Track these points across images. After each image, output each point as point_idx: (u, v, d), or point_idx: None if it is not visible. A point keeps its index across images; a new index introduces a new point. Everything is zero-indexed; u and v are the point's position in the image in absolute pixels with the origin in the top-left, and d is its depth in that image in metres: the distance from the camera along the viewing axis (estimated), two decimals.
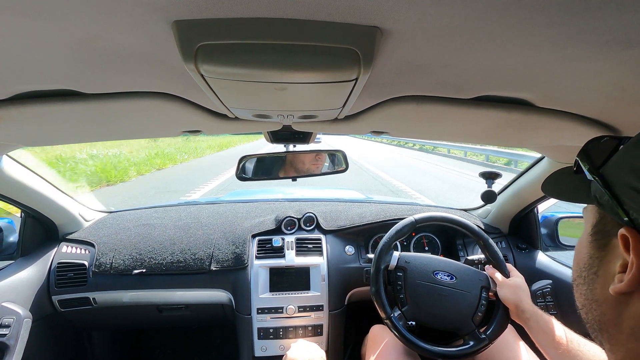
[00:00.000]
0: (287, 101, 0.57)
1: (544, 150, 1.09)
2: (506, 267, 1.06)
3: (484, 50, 0.39)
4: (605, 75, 0.43)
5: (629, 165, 0.33)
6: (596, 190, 0.36)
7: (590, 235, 0.37)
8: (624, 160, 0.34)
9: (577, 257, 0.40)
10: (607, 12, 0.29)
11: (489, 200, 1.27)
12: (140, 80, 0.54)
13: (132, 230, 1.43)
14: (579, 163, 0.40)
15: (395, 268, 1.08)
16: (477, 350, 0.97)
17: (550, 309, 1.23)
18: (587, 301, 0.37)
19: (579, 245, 0.41)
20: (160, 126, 0.85)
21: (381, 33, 0.36)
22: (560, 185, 0.48)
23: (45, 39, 0.37)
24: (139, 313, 1.44)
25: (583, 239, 0.39)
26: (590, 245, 0.37)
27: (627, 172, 0.32)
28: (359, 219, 1.49)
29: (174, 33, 0.36)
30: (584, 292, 0.37)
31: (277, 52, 0.39)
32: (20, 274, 1.23)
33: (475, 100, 0.62)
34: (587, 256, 0.37)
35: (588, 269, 0.37)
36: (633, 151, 0.34)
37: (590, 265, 0.36)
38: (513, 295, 0.95)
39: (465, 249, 1.47)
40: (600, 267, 0.35)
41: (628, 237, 0.30)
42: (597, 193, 0.36)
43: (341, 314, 1.38)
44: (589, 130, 0.65)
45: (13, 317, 1.12)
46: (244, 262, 1.34)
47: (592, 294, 0.36)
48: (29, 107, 0.59)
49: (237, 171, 1.23)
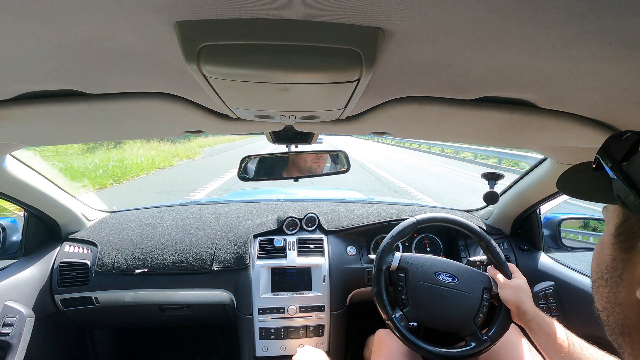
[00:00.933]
0: (289, 102, 0.57)
1: (546, 152, 1.08)
2: (508, 268, 1.06)
3: (486, 50, 0.39)
4: (609, 76, 0.43)
5: None
6: (620, 190, 0.34)
7: (613, 236, 0.36)
8: None
9: (599, 257, 0.38)
10: (611, 13, 0.29)
11: (491, 201, 1.27)
12: (142, 80, 0.54)
13: (134, 230, 1.44)
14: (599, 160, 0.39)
15: (396, 269, 1.08)
16: (478, 351, 0.96)
17: (553, 310, 1.23)
18: (609, 304, 0.36)
19: (599, 245, 0.39)
20: (163, 126, 0.85)
21: (383, 34, 0.36)
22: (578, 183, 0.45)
23: (49, 40, 0.38)
24: (141, 312, 1.45)
25: (605, 239, 0.38)
26: (614, 247, 0.36)
27: None
28: (360, 219, 1.49)
29: (176, 34, 0.36)
30: (605, 294, 0.36)
31: (279, 53, 0.39)
32: (23, 273, 1.24)
33: (477, 101, 0.62)
34: (609, 258, 0.36)
35: (611, 272, 0.36)
36: None
37: (614, 267, 0.35)
38: (514, 296, 0.95)
39: (467, 250, 1.46)
40: (625, 270, 0.34)
41: None
42: (622, 192, 0.34)
43: (342, 315, 1.38)
44: (592, 131, 0.65)
45: (16, 316, 1.13)
46: (246, 262, 1.34)
47: (616, 297, 0.35)
48: (32, 107, 0.60)
49: (239, 171, 1.24)
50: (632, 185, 0.33)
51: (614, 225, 0.36)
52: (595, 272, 0.39)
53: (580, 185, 0.44)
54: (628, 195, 0.33)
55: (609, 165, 0.37)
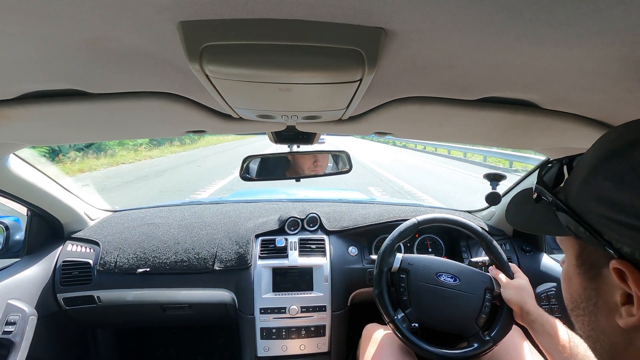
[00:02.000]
0: (291, 102, 0.57)
1: (549, 152, 1.08)
2: (510, 268, 1.06)
3: (489, 50, 0.39)
4: (613, 76, 0.43)
5: (594, 195, 0.32)
6: (569, 222, 0.34)
7: (576, 267, 0.36)
8: (587, 191, 0.33)
9: (569, 288, 0.38)
10: (615, 13, 0.29)
11: (493, 202, 1.26)
12: (145, 80, 0.54)
13: (137, 229, 1.44)
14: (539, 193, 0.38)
15: (398, 270, 1.08)
16: (481, 352, 0.96)
17: (555, 312, 1.22)
18: (593, 332, 0.35)
19: (566, 275, 0.39)
20: (165, 126, 0.86)
21: (386, 34, 0.36)
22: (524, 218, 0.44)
23: (53, 39, 0.38)
24: (143, 312, 1.45)
25: (569, 270, 0.38)
26: (580, 277, 0.36)
27: (595, 203, 0.31)
28: (362, 219, 1.49)
29: (179, 33, 0.36)
30: (586, 322, 0.36)
31: (281, 53, 0.39)
32: (26, 271, 1.24)
33: (480, 102, 0.62)
34: (580, 288, 0.36)
35: (586, 301, 0.35)
36: (593, 181, 0.32)
37: (587, 297, 0.35)
38: (517, 296, 0.94)
39: (469, 250, 1.46)
40: (598, 299, 0.34)
41: (622, 269, 0.29)
42: (571, 225, 0.34)
43: (344, 315, 1.38)
44: (596, 132, 0.64)
45: (19, 315, 1.14)
46: (247, 262, 1.35)
47: (597, 325, 0.34)
48: (35, 107, 0.60)
49: (241, 171, 1.24)
50: (578, 217, 0.33)
51: (573, 255, 0.36)
52: (571, 302, 0.38)
53: (529, 217, 0.43)
54: (578, 227, 0.33)
55: (550, 199, 0.37)
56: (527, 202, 0.42)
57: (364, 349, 1.13)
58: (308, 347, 1.33)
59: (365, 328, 1.22)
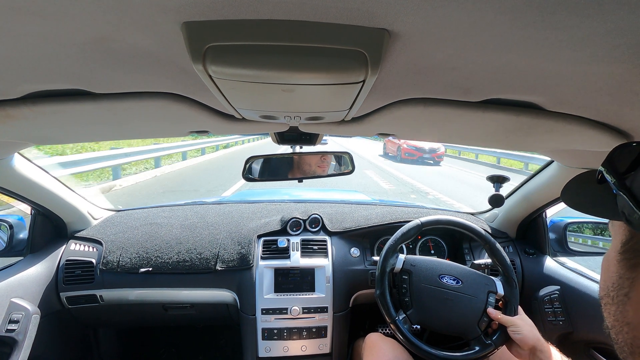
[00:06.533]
0: (294, 102, 0.57)
1: (553, 155, 1.07)
2: (513, 271, 1.05)
3: (493, 52, 0.39)
4: (618, 78, 0.43)
5: None
6: (624, 206, 0.33)
7: (619, 253, 0.35)
8: None
9: (605, 274, 0.37)
10: (619, 14, 0.29)
11: (496, 204, 1.26)
12: (149, 80, 0.55)
13: (139, 229, 1.45)
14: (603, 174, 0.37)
15: (400, 271, 1.08)
16: (482, 355, 0.96)
17: (558, 315, 1.21)
18: (617, 322, 0.35)
19: (606, 261, 0.38)
20: (168, 126, 0.86)
21: (389, 35, 0.36)
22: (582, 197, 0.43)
23: (57, 39, 0.38)
24: (145, 311, 1.46)
25: (611, 256, 0.36)
26: (620, 264, 0.35)
27: None
28: (364, 221, 1.49)
29: (183, 34, 0.36)
30: (613, 312, 0.35)
31: (285, 54, 0.39)
32: (30, 270, 1.25)
33: (483, 103, 0.61)
34: (616, 276, 0.35)
35: (617, 289, 0.34)
36: None
37: (620, 285, 0.34)
38: (532, 335, 0.88)
39: (472, 253, 1.45)
40: (632, 289, 0.33)
41: None
42: (626, 209, 0.32)
43: (345, 316, 1.37)
44: (600, 134, 0.64)
45: (22, 313, 1.14)
46: (249, 262, 1.35)
47: (623, 316, 0.34)
48: (40, 107, 0.60)
49: (244, 172, 1.24)
50: (636, 203, 0.31)
51: (619, 241, 0.35)
52: (602, 289, 0.38)
53: (584, 198, 0.42)
54: (632, 212, 0.31)
55: (612, 180, 0.35)
56: (589, 182, 0.41)
57: (367, 359, 1.12)
58: (309, 348, 1.33)
59: (368, 337, 1.21)
